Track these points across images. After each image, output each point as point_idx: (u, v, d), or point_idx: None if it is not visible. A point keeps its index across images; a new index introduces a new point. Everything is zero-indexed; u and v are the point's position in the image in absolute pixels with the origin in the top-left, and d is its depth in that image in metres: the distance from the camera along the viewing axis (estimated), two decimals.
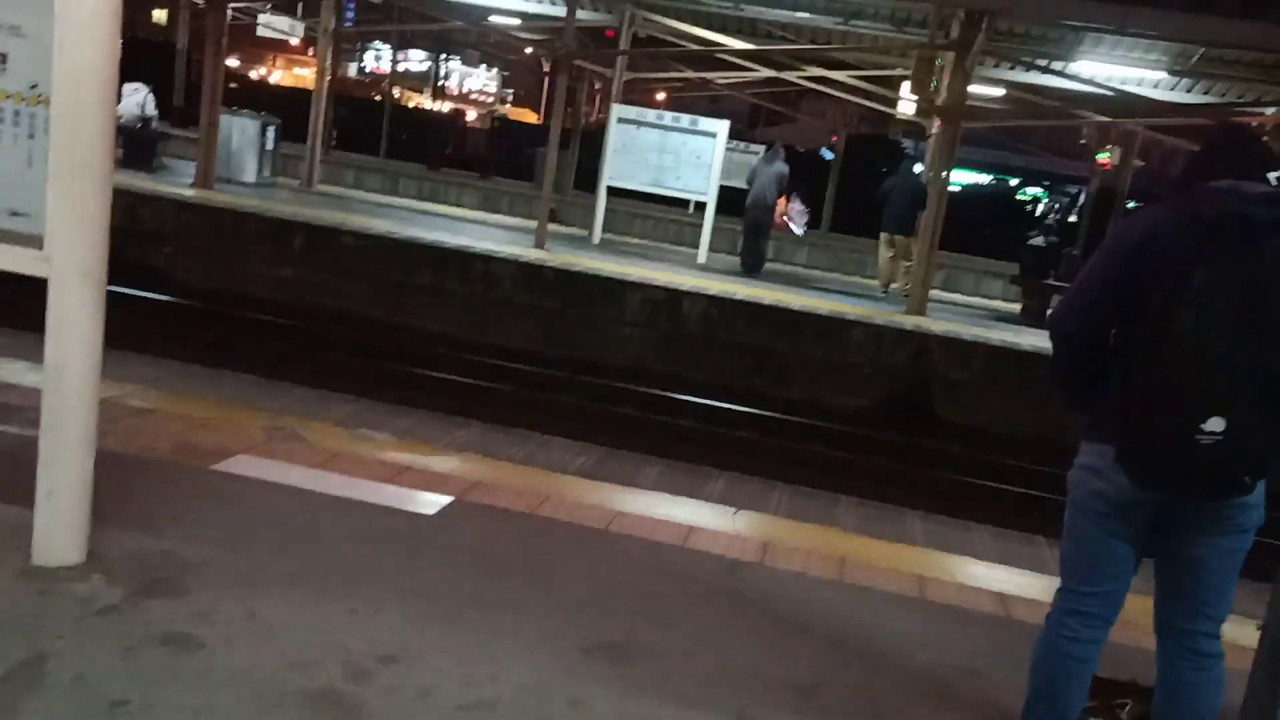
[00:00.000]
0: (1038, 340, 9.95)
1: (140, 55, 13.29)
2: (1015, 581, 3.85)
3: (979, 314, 12.53)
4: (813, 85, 15.38)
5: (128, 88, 12.72)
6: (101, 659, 2.32)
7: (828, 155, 19.94)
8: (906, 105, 13.78)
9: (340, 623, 2.66)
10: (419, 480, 3.87)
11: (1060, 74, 12.51)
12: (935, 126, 12.69)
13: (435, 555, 3.22)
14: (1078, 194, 22.21)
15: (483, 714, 2.36)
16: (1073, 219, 20.03)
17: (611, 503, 4.00)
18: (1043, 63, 12.38)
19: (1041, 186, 26.51)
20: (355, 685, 2.39)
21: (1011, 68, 13.24)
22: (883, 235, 12.63)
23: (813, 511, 5.78)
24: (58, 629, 2.41)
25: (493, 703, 2.41)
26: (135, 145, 12.90)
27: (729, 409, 8.77)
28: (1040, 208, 24.03)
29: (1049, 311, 3.00)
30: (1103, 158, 20.85)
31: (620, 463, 6.71)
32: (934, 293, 12.00)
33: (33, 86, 2.54)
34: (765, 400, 9.21)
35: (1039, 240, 12.58)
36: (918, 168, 13.02)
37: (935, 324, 10.28)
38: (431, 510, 3.61)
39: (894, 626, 3.27)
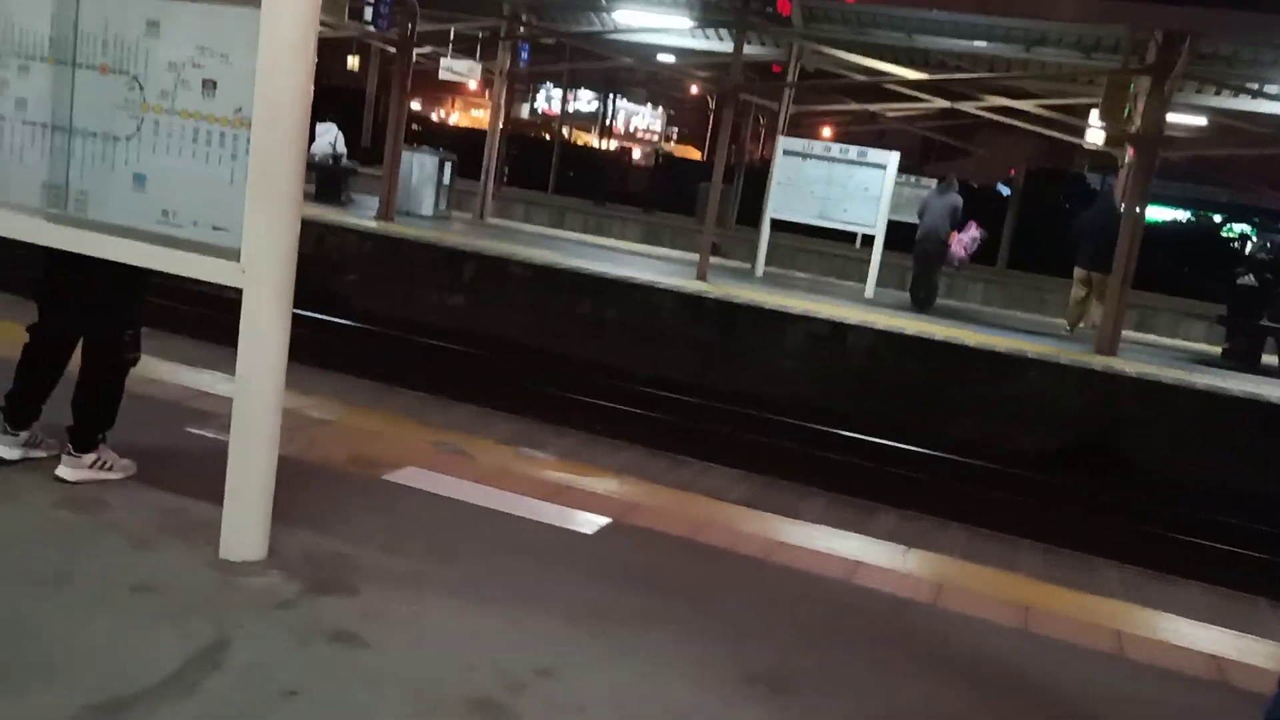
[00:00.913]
0: (1250, 386, 9.14)
1: (333, 99, 14.24)
2: (1233, 644, 3.46)
3: (1175, 356, 11.65)
4: (991, 116, 14.81)
5: (320, 127, 13.66)
6: (276, 650, 2.41)
7: (1005, 191, 19.17)
8: (1095, 135, 13.02)
9: (499, 633, 2.67)
10: (578, 500, 3.88)
11: (1273, 98, 11.58)
12: (1128, 157, 11.98)
13: (593, 574, 3.20)
14: None
15: None
16: None
17: (772, 532, 3.88)
18: (1253, 86, 11.49)
19: (1250, 222, 24.55)
20: (512, 695, 2.38)
21: (1216, 93, 12.36)
22: (1077, 272, 11.75)
23: (991, 555, 5.44)
24: (239, 618, 2.52)
25: None
26: (326, 181, 13.82)
27: (898, 447, 8.45)
28: (1250, 246, 22.22)
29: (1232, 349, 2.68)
30: None
31: (781, 493, 6.56)
32: (1126, 333, 11.24)
33: (237, 110, 2.72)
34: (935, 440, 8.82)
35: (1249, 279, 11.56)
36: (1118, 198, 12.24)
37: (1128, 364, 9.61)
38: (590, 530, 3.60)
39: (1086, 682, 3.01)
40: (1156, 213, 20.94)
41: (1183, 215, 25.58)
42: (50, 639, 2.31)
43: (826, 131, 23.26)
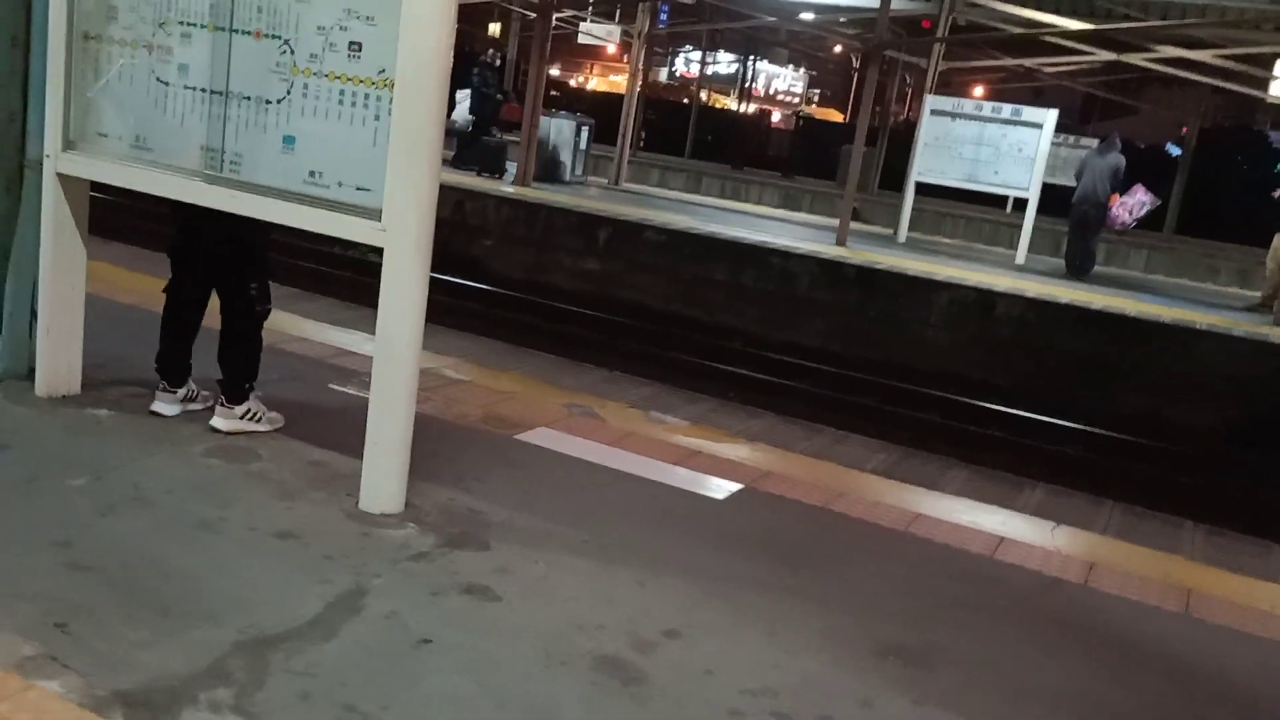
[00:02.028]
0: None
1: (474, 64, 14.45)
2: None
3: None
4: (1162, 69, 13.75)
5: (460, 94, 13.88)
6: (411, 599, 2.47)
7: (1174, 151, 17.89)
8: None
9: (627, 594, 2.67)
10: (710, 465, 3.84)
11: None
12: None
13: (723, 539, 3.16)
14: None
15: (766, 700, 2.26)
16: None
17: (911, 504, 3.75)
18: None
19: None
20: (639, 655, 2.37)
21: None
22: (1277, 239, 10.54)
23: (1149, 535, 5.12)
24: (377, 568, 2.60)
25: (776, 691, 2.30)
26: (488, 153, 13.92)
27: (1048, 421, 8.04)
28: None
29: None
30: None
31: (921, 465, 6.34)
32: None
33: (380, 71, 2.76)
34: (1090, 415, 8.35)
35: None
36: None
37: None
38: (721, 495, 3.56)
39: (1251, 668, 2.81)
40: None
41: None
42: (203, 579, 2.44)
43: (978, 90, 22.23)
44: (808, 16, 16.44)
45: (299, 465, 3.17)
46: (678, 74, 37.86)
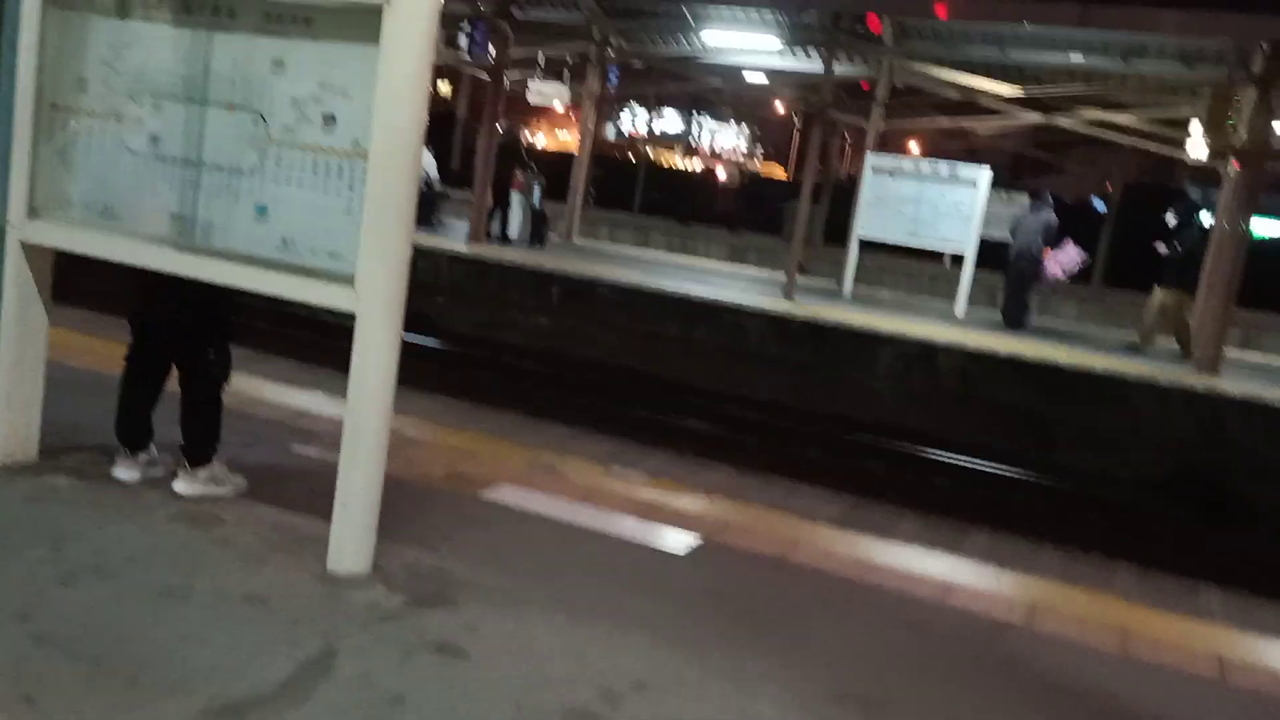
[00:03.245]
0: None
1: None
2: None
3: None
4: (1086, 131, 14.45)
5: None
6: (382, 660, 2.51)
7: (1100, 207, 18.64)
8: (1197, 148, 12.60)
9: (595, 648, 2.74)
10: (670, 519, 3.94)
11: None
12: (1232, 170, 11.55)
13: (685, 593, 3.25)
14: None
15: None
16: None
17: (863, 553, 3.88)
18: None
19: None
20: (609, 707, 2.44)
21: None
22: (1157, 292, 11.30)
23: (1088, 578, 5.32)
24: (347, 629, 2.63)
25: None
26: (418, 205, 14.11)
27: (989, 471, 8.29)
28: None
29: None
30: None
31: (872, 514, 6.50)
32: (1233, 353, 10.84)
33: (354, 142, 2.86)
34: (1030, 464, 8.63)
35: None
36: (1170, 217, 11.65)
37: (1232, 385, 9.27)
38: (682, 550, 3.65)
39: (1186, 710, 2.96)
40: (1261, 226, 20.03)
41: None
42: (170, 648, 2.43)
43: (915, 148, 22.98)
44: (754, 78, 16.93)
45: (264, 529, 3.18)
46: (625, 132, 38.49)
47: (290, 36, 2.93)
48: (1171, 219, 10.96)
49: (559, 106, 23.89)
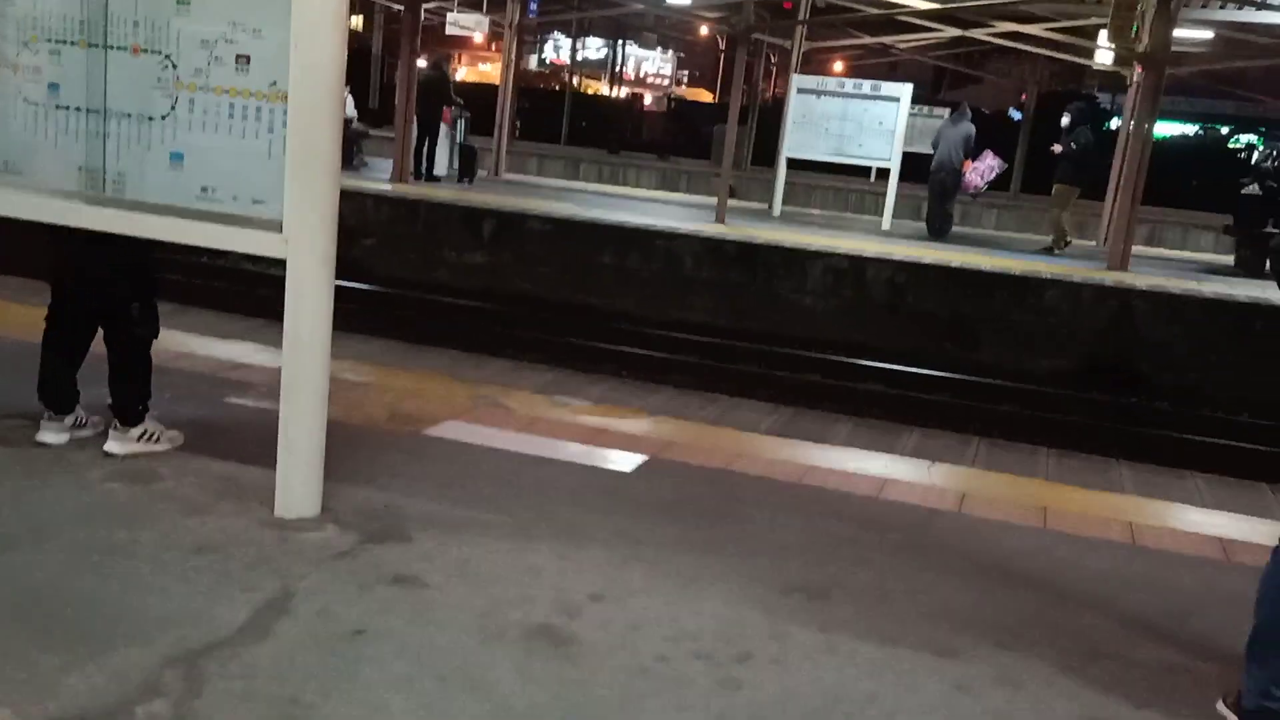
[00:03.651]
0: (1256, 291, 9.21)
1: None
2: (1237, 527, 3.65)
3: (1187, 268, 11.68)
4: (1001, 42, 14.64)
5: None
6: (341, 595, 2.55)
7: (1016, 115, 18.93)
8: (1104, 55, 12.89)
9: (550, 566, 2.81)
10: (615, 441, 4.01)
11: (1278, 9, 11.40)
12: (1136, 75, 11.85)
13: (635, 507, 3.34)
14: None
15: (688, 644, 2.45)
16: None
17: (803, 458, 4.01)
18: None
19: (1257, 133, 24.21)
20: (568, 619, 2.52)
21: (1221, 6, 12.19)
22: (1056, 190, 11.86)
23: (1011, 464, 5.60)
24: (301, 570, 2.66)
25: (696, 635, 2.49)
26: None
27: (919, 373, 8.57)
28: (1255, 155, 21.91)
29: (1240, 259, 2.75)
30: None
31: (810, 423, 6.69)
32: (1138, 248, 11.30)
33: (272, 84, 2.78)
34: (956, 364, 8.95)
35: (1253, 189, 11.55)
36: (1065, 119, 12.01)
37: (1139, 279, 9.68)
38: (629, 468, 3.73)
39: (1102, 569, 3.19)
40: (1165, 128, 20.62)
41: (1191, 129, 25.21)
42: (121, 602, 2.42)
43: (839, 67, 22.97)
44: (676, 2, 16.69)
45: (205, 480, 3.16)
46: (548, 61, 37.74)
47: None
48: (1065, 120, 11.32)
49: (478, 37, 23.30)
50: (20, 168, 3.10)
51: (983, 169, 11.72)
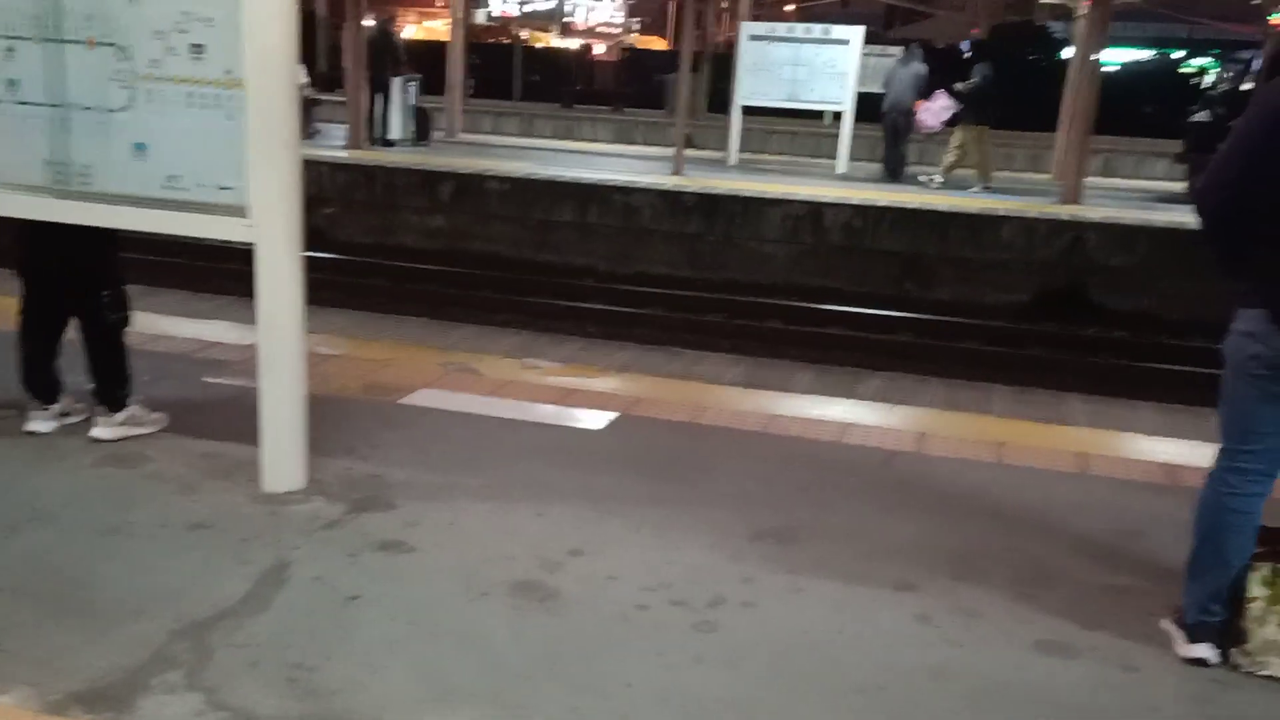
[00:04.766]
0: None
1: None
2: (1182, 452, 3.85)
3: (1141, 197, 11.90)
4: None
5: None
6: (332, 563, 2.68)
7: (967, 50, 18.99)
8: None
9: (529, 525, 2.96)
10: (585, 400, 4.14)
11: None
12: (1083, 6, 11.94)
13: (607, 464, 3.48)
14: (1249, 61, 20.32)
15: (664, 592, 2.61)
16: (1247, 87, 18.39)
17: (767, 407, 4.17)
18: None
19: (1211, 56, 24.40)
20: (549, 574, 2.67)
21: None
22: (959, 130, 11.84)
23: (969, 403, 5.80)
24: (293, 541, 2.79)
25: (671, 583, 2.66)
26: None
27: (879, 314, 8.75)
28: (1207, 79, 22.17)
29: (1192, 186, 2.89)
30: (1276, 18, 18.95)
31: (773, 371, 6.85)
32: (1092, 180, 11.46)
33: (227, 71, 2.83)
34: (915, 304, 9.14)
35: (1203, 115, 11.73)
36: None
37: (1092, 211, 9.88)
38: (600, 425, 3.87)
39: (1054, 499, 3.37)
40: (1117, 55, 20.78)
41: (1145, 54, 25.36)
42: (125, 580, 2.54)
43: (790, 8, 22.85)
44: None
45: (193, 459, 3.27)
46: (495, 15, 37.10)
47: None
48: (966, 53, 11.40)
49: None
50: None
51: (935, 108, 11.80)
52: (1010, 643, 2.48)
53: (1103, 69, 10.59)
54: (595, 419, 3.93)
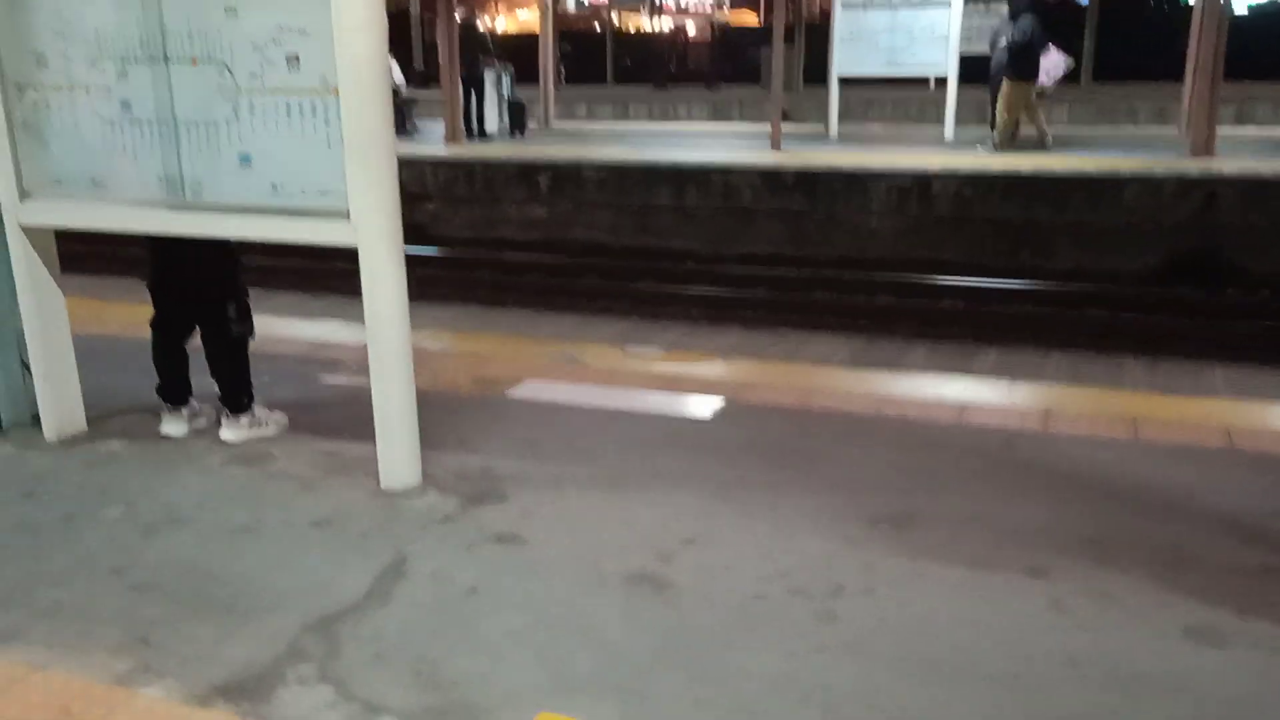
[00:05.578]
0: None
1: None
2: None
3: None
4: None
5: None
6: (450, 556, 2.72)
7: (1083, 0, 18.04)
8: None
9: (641, 515, 2.94)
10: (691, 386, 4.10)
11: None
12: None
13: (717, 451, 3.43)
14: None
15: (782, 581, 2.55)
16: None
17: (879, 388, 4.05)
18: None
19: None
20: (664, 565, 2.65)
21: None
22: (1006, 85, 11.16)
23: (1097, 377, 5.51)
24: (411, 536, 2.84)
25: (788, 571, 2.60)
26: None
27: (994, 286, 8.42)
28: None
29: None
30: None
31: (884, 349, 6.67)
32: (1224, 130, 10.76)
33: (322, 79, 2.89)
34: (1033, 273, 8.75)
35: None
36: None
37: (1226, 164, 9.25)
38: (707, 412, 3.83)
39: (1195, 478, 3.16)
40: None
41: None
42: (257, 577, 2.64)
43: None
44: None
45: (314, 458, 3.37)
46: (585, 2, 37.21)
47: None
48: (1007, 10, 10.76)
49: None
50: (106, 182, 3.27)
51: (1048, 66, 11.21)
52: (1152, 629, 2.34)
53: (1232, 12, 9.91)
54: (702, 406, 3.88)
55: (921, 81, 14.85)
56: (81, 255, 6.97)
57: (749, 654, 2.26)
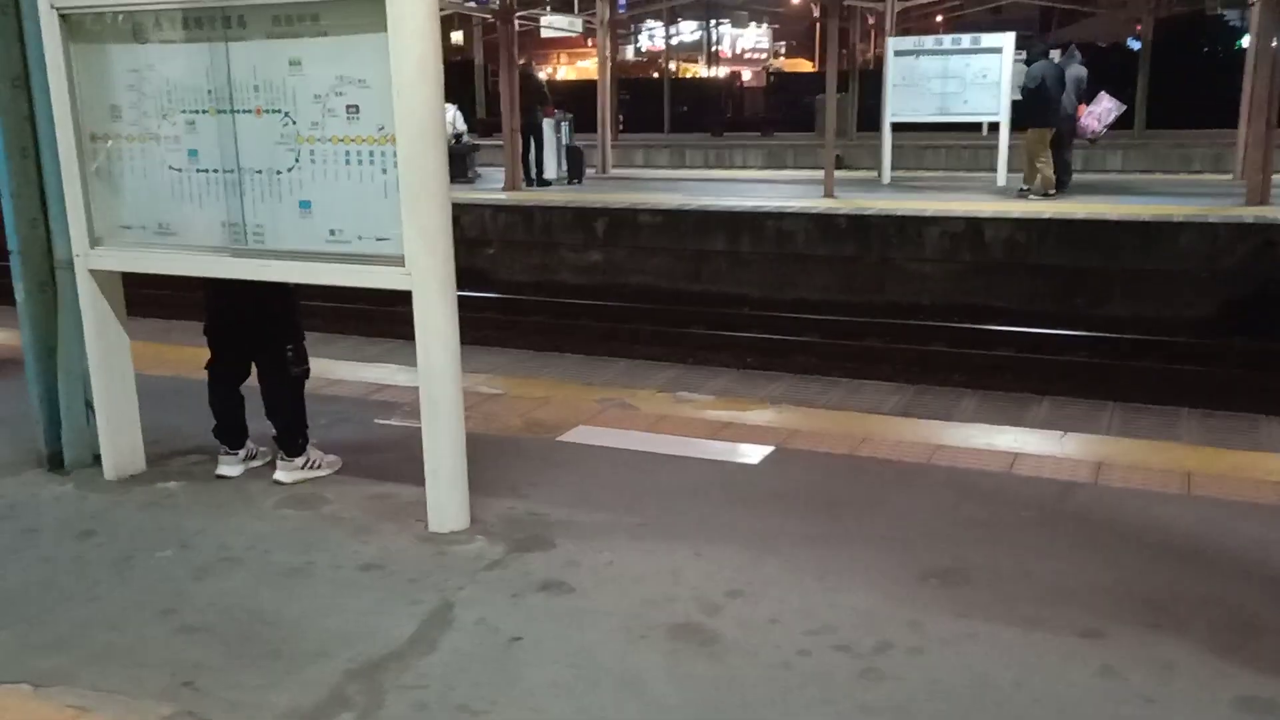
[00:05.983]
0: None
1: (445, 76, 14.65)
2: None
3: None
4: None
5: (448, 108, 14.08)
6: (495, 604, 2.72)
7: (1135, 45, 17.90)
8: None
9: (688, 564, 2.91)
10: (741, 434, 4.08)
11: None
12: None
13: (765, 500, 3.40)
14: None
15: (827, 636, 2.51)
16: None
17: (931, 437, 3.99)
18: None
19: None
20: (709, 617, 2.62)
21: None
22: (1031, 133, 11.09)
23: (1149, 429, 5.36)
24: (458, 581, 2.84)
25: (835, 627, 2.55)
26: (451, 160, 14.25)
27: (1047, 333, 8.29)
28: None
29: None
30: None
31: (934, 398, 6.58)
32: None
33: (380, 128, 2.98)
34: (1086, 322, 8.59)
35: None
36: (1054, 54, 11.26)
37: None
38: (756, 459, 3.80)
39: (1254, 536, 3.06)
40: None
41: None
42: (304, 621, 2.65)
43: (939, 20, 22.25)
44: None
45: (365, 501, 3.40)
46: (643, 50, 37.84)
47: (301, 36, 3.03)
48: (1022, 58, 10.77)
49: (573, 34, 23.55)
50: (174, 228, 3.39)
51: (1099, 112, 11.12)
52: (1212, 699, 2.25)
53: None
54: (752, 453, 3.86)
55: (974, 127, 14.82)
56: (147, 299, 7.24)
57: (793, 712, 2.22)
